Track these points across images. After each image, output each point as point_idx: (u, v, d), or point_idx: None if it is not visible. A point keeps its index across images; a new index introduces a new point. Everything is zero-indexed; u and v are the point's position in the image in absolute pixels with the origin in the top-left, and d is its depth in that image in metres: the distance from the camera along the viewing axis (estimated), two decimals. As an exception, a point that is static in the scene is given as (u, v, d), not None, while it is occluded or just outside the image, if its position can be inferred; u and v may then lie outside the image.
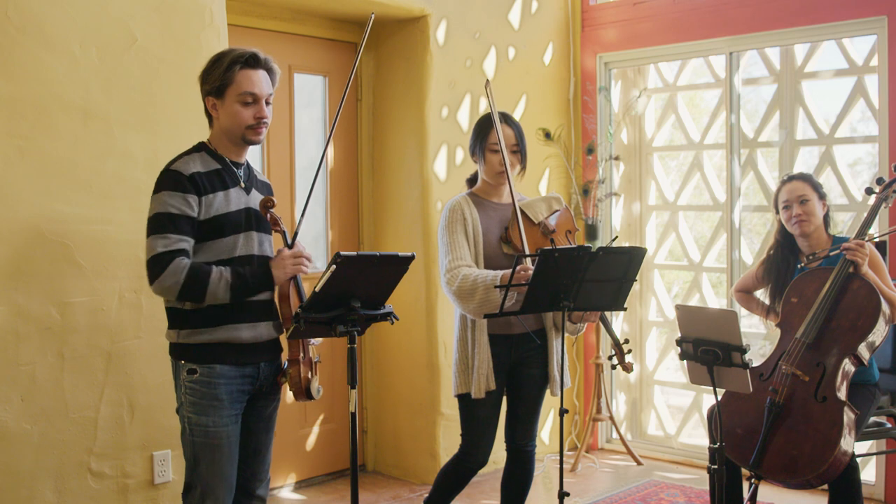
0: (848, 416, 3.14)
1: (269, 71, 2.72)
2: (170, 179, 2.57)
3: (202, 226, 2.58)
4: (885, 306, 3.23)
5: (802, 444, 3.14)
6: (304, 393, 2.74)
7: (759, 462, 3.21)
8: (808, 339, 3.28)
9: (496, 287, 3.00)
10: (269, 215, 2.72)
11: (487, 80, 3.34)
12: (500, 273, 3.05)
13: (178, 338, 2.64)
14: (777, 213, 3.56)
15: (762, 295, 3.71)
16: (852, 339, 3.22)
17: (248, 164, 2.80)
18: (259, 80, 2.67)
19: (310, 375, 2.76)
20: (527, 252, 3.10)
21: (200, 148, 2.70)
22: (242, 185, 2.70)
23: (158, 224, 2.53)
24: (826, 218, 3.51)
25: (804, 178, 3.52)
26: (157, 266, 2.51)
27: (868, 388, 3.41)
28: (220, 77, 2.63)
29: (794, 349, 3.29)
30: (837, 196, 4.67)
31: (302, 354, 2.74)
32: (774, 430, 3.23)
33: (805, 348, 3.28)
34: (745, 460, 3.26)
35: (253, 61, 2.66)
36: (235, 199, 2.66)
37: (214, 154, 2.69)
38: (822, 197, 3.49)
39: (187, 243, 2.55)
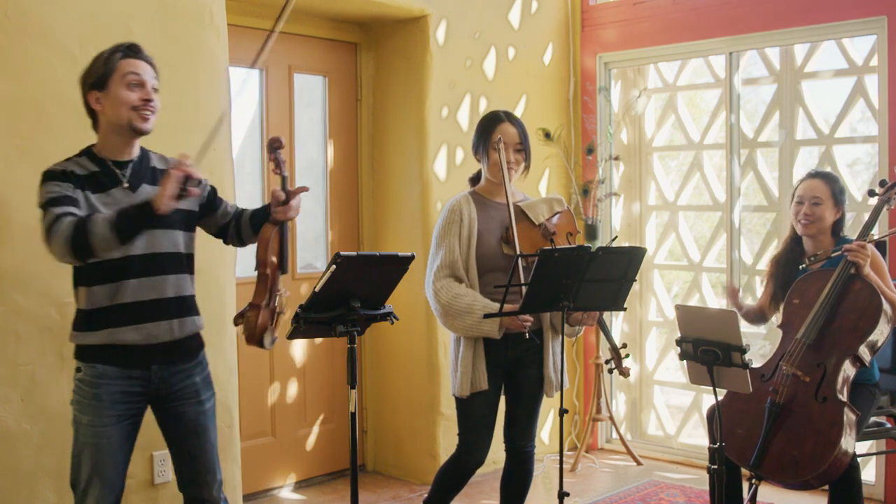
0: (848, 416, 3.14)
1: (150, 64, 2.66)
2: (45, 176, 2.55)
3: None
4: (886, 307, 3.23)
5: (803, 445, 3.14)
6: (255, 339, 2.67)
7: (760, 462, 3.21)
8: (808, 339, 3.28)
9: (497, 286, 3.01)
10: (273, 156, 2.75)
11: (500, 139, 3.25)
12: (495, 305, 3.06)
13: (72, 339, 2.65)
14: (791, 204, 3.55)
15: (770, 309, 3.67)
16: (853, 340, 3.22)
17: (141, 159, 2.69)
18: (142, 66, 2.62)
19: (269, 324, 2.69)
20: (518, 251, 3.11)
21: (83, 153, 2.65)
22: (126, 184, 2.61)
23: (44, 209, 2.50)
24: (837, 224, 3.49)
25: (828, 179, 3.46)
26: (47, 234, 2.46)
27: (868, 389, 3.41)
28: (101, 67, 2.58)
29: (795, 350, 3.29)
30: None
31: (266, 301, 2.68)
32: (775, 430, 3.23)
33: (806, 349, 3.28)
34: (746, 461, 3.26)
35: (133, 51, 2.62)
36: (117, 201, 2.57)
37: (95, 158, 2.62)
38: (838, 203, 3.44)
39: (76, 209, 2.49)
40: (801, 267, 3.48)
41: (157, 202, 2.40)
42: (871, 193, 3.43)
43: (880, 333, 3.24)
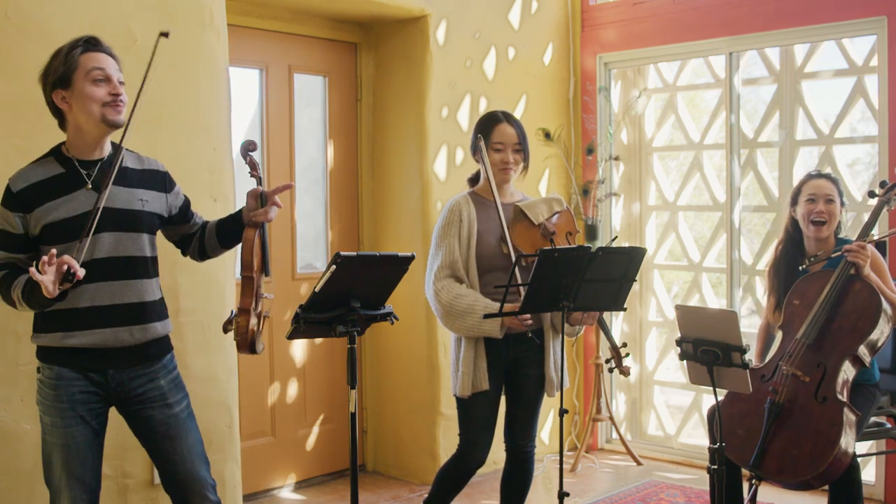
0: (848, 416, 3.14)
1: (112, 56, 2.59)
2: (3, 194, 2.54)
3: (42, 234, 2.50)
4: (886, 307, 3.23)
5: (803, 445, 3.14)
6: (247, 345, 2.65)
7: (760, 463, 3.21)
8: (808, 339, 3.28)
9: (497, 286, 3.01)
10: (248, 158, 2.74)
11: (482, 143, 3.26)
12: (496, 305, 3.06)
13: (31, 339, 2.62)
14: (793, 205, 3.54)
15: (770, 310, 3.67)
16: (852, 340, 3.22)
17: (113, 157, 2.59)
18: (105, 60, 2.55)
19: (257, 329, 2.67)
20: (512, 252, 3.12)
21: (52, 153, 2.60)
22: (89, 185, 2.52)
23: None
24: (839, 225, 3.51)
25: (833, 180, 3.49)
26: None
27: (868, 389, 3.41)
28: (61, 65, 2.51)
29: (795, 350, 3.29)
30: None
31: (254, 305, 2.65)
32: (775, 430, 3.23)
33: (805, 349, 3.28)
34: (746, 461, 3.26)
35: (92, 44, 2.55)
36: (81, 203, 2.51)
37: (62, 158, 2.56)
38: (842, 203, 3.48)
39: (14, 258, 2.51)
40: (800, 268, 3.48)
41: (44, 291, 2.33)
42: (872, 194, 3.43)
43: (880, 333, 3.24)
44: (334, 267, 2.51)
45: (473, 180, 3.44)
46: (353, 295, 2.64)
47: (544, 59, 5.20)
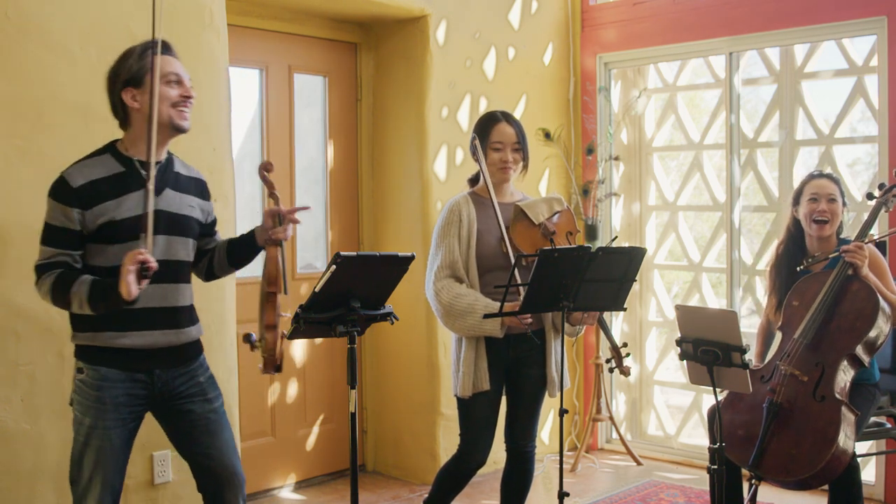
0: (846, 415, 3.14)
1: (178, 60, 2.64)
2: (57, 187, 2.52)
3: (97, 232, 2.51)
4: (884, 306, 3.23)
5: (801, 444, 3.15)
6: (273, 364, 2.65)
7: (759, 462, 3.21)
8: (806, 339, 3.28)
9: (497, 286, 3.01)
10: (265, 179, 2.74)
11: (476, 144, 3.27)
12: (496, 305, 3.05)
13: (72, 338, 2.62)
14: (795, 205, 3.54)
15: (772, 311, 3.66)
16: (850, 339, 3.22)
17: (168, 162, 2.67)
18: (176, 63, 2.60)
19: (282, 348, 2.68)
20: (511, 252, 3.11)
21: (107, 150, 2.61)
22: (151, 186, 2.52)
23: (43, 234, 2.54)
24: (840, 225, 3.51)
25: (835, 180, 3.49)
26: (36, 276, 2.54)
27: (868, 389, 3.41)
28: (135, 64, 2.55)
29: (793, 349, 3.30)
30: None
31: (277, 322, 2.65)
32: (774, 430, 3.23)
33: (804, 349, 3.28)
34: (745, 461, 3.26)
35: (164, 48, 2.59)
36: (137, 203, 2.53)
37: (121, 156, 2.58)
38: (844, 203, 3.49)
39: (67, 256, 2.52)
40: (798, 269, 3.47)
41: (123, 293, 2.35)
42: (870, 196, 3.43)
43: (878, 332, 3.23)
44: (334, 267, 2.51)
45: (474, 180, 3.44)
46: (353, 295, 2.64)
47: (544, 59, 5.20)
